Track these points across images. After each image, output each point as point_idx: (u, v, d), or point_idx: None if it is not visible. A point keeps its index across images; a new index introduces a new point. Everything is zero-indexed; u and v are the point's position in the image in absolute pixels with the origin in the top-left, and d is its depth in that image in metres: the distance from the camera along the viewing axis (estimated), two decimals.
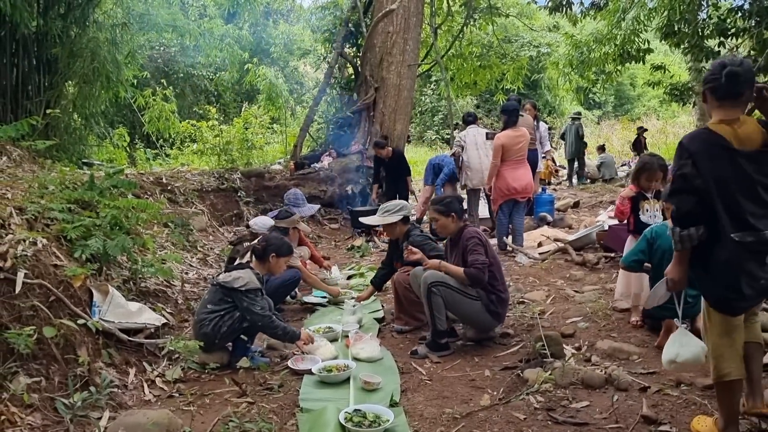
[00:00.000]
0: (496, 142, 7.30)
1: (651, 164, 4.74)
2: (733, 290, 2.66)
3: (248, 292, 4.18)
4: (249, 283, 4.20)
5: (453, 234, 4.58)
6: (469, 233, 4.45)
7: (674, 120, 27.05)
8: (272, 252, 4.53)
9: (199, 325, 4.21)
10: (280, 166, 11.36)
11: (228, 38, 16.44)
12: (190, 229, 7.35)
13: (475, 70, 15.84)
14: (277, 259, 4.56)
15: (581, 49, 14.27)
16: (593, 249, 7.13)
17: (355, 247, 8.58)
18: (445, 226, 4.58)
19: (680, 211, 2.70)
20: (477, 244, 4.35)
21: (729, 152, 2.66)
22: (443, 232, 4.65)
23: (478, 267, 4.26)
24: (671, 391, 3.45)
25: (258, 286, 4.25)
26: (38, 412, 3.25)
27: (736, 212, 2.63)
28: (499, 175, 7.28)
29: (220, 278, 4.32)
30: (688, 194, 2.67)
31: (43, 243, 4.07)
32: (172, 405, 3.62)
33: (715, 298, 2.78)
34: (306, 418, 3.39)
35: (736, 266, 2.63)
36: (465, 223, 4.60)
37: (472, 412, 3.41)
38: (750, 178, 2.64)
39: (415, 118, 26.99)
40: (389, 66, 11.46)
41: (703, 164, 2.66)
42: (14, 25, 7.73)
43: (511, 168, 7.26)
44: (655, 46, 16.15)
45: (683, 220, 2.70)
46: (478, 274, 4.27)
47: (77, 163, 8.60)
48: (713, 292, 2.77)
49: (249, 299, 4.17)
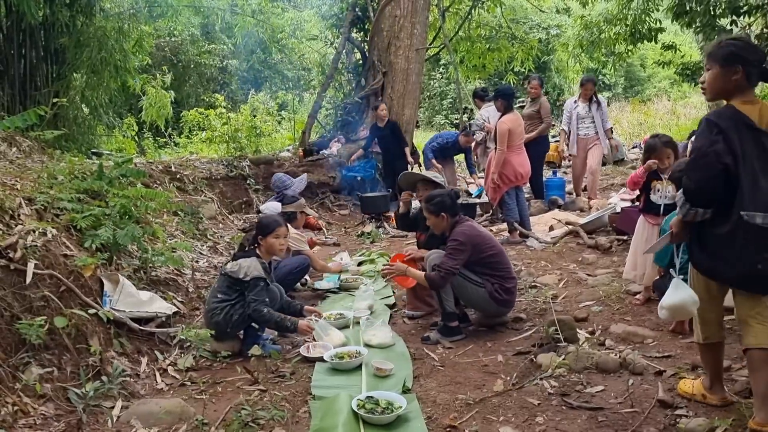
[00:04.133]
0: (501, 127, 7.05)
1: (654, 145, 4.60)
2: (726, 263, 2.70)
3: (250, 281, 4.16)
4: (251, 271, 4.17)
5: (446, 230, 4.55)
6: (455, 234, 4.40)
7: (685, 101, 26.73)
8: (258, 235, 4.47)
9: (210, 314, 4.20)
10: (288, 153, 11.32)
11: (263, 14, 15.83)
12: (199, 217, 7.33)
13: (483, 52, 15.66)
14: (265, 239, 4.44)
15: (591, 29, 14.08)
16: (605, 232, 7.07)
17: (365, 233, 8.55)
18: (437, 225, 4.58)
19: (700, 190, 2.68)
20: (455, 248, 4.32)
21: (754, 131, 2.65)
22: (436, 230, 4.64)
23: (445, 270, 4.25)
24: (687, 374, 3.40)
25: (260, 275, 4.20)
26: (51, 402, 3.26)
27: (755, 191, 2.61)
28: (506, 161, 7.06)
29: (228, 267, 4.31)
30: (715, 173, 2.62)
31: (52, 233, 4.07)
32: (184, 393, 3.61)
33: (704, 267, 2.84)
34: (318, 406, 3.38)
35: (739, 247, 2.64)
36: (457, 220, 4.53)
37: (485, 397, 3.39)
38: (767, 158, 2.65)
39: (424, 102, 26.78)
40: (397, 50, 11.34)
41: (734, 141, 2.63)
42: (21, 15, 7.71)
43: (516, 153, 7.11)
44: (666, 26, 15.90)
45: (699, 199, 2.69)
46: (437, 279, 4.29)
47: (86, 153, 8.60)
48: (704, 262, 2.83)
49: (249, 289, 4.16)
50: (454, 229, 4.45)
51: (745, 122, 2.65)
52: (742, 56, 2.71)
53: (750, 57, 2.71)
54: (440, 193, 4.68)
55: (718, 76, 2.77)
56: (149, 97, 13.47)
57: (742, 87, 2.73)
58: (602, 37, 13.79)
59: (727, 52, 2.73)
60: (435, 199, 4.54)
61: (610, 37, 13.61)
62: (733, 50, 2.73)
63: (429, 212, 4.55)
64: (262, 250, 4.45)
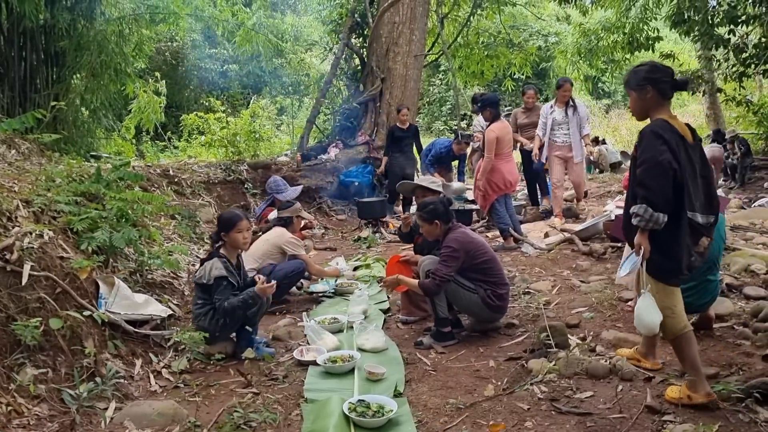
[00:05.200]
0: (489, 135, 7.01)
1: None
2: (678, 264, 3.10)
3: (213, 283, 4.13)
4: (213, 272, 4.13)
5: (440, 237, 4.57)
6: (448, 240, 4.43)
7: (683, 109, 26.81)
8: (221, 232, 4.38)
9: (196, 321, 4.23)
10: (286, 157, 11.36)
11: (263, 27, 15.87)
12: (197, 220, 7.37)
13: (482, 59, 15.75)
14: (228, 235, 4.34)
15: (589, 37, 14.17)
16: (600, 239, 7.10)
17: (361, 239, 8.58)
18: (430, 232, 4.61)
19: (660, 195, 2.98)
20: (449, 255, 4.35)
21: (683, 143, 3.08)
22: (430, 237, 4.68)
23: (439, 277, 4.29)
24: (675, 381, 3.43)
25: (220, 274, 4.13)
26: (45, 403, 3.29)
27: (691, 195, 3.04)
28: (495, 169, 7.04)
29: (197, 275, 4.31)
30: (670, 179, 2.97)
31: (49, 235, 4.10)
32: (178, 396, 3.64)
33: (664, 272, 3.16)
34: (310, 408, 3.41)
35: (684, 243, 3.07)
36: (450, 227, 4.56)
37: (475, 402, 3.42)
38: (693, 167, 3.08)
39: (423, 108, 26.85)
40: (395, 56, 11.42)
41: (676, 150, 3.00)
42: (21, 17, 7.75)
43: (505, 161, 7.09)
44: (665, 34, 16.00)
45: (663, 203, 2.99)
46: (431, 287, 4.32)
47: (85, 155, 8.63)
48: (663, 266, 3.13)
49: (214, 291, 4.14)
50: (447, 235, 4.48)
51: (678, 134, 3.06)
52: (649, 78, 3.14)
53: (656, 77, 3.14)
54: (433, 200, 4.72)
55: (636, 99, 3.23)
56: (140, 101, 13.44)
57: (659, 103, 3.16)
58: (600, 45, 13.87)
59: (637, 78, 3.18)
60: (428, 207, 4.58)
61: (607, 45, 13.69)
62: (641, 75, 3.17)
63: (422, 220, 4.58)
64: (227, 247, 4.38)
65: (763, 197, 10.29)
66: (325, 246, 8.31)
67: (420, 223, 4.64)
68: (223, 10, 12.47)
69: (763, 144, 15.91)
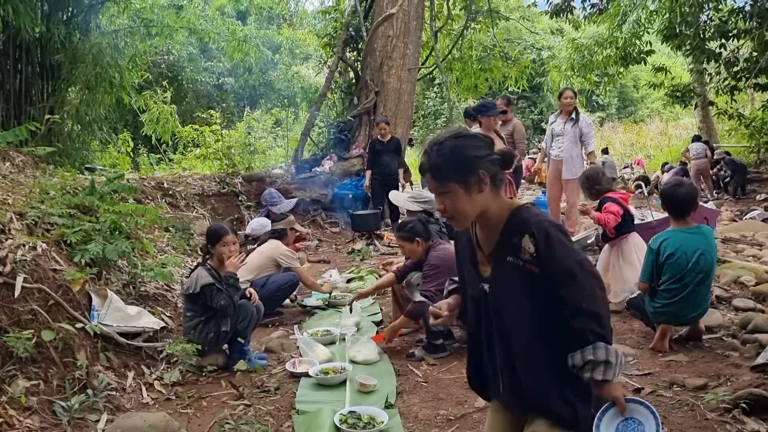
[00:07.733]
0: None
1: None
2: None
3: (203, 292, 4.15)
4: (199, 281, 4.15)
5: (422, 256, 4.62)
6: (430, 258, 4.50)
7: (677, 122, 27.02)
8: (208, 245, 4.42)
9: (187, 335, 4.24)
10: (281, 170, 11.40)
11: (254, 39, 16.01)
12: (190, 233, 7.39)
13: (475, 72, 15.85)
14: (214, 247, 4.37)
15: (582, 52, 14.30)
16: (592, 251, 7.13)
17: (355, 251, 8.61)
18: (412, 251, 4.65)
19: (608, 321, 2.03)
20: (432, 274, 4.41)
21: None
22: (413, 256, 4.70)
23: (428, 291, 4.33)
24: (665, 392, 3.46)
25: (207, 281, 4.16)
26: (36, 415, 3.28)
27: None
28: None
29: (184, 287, 4.34)
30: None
31: (42, 248, 4.11)
32: (170, 408, 3.64)
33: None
34: (302, 420, 3.42)
35: None
36: (430, 244, 4.61)
37: (466, 413, 3.43)
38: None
39: (418, 121, 27.01)
40: (389, 70, 11.51)
41: None
42: (17, 30, 7.80)
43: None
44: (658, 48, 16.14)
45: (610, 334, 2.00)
46: (415, 310, 4.38)
47: (80, 168, 8.65)
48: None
49: (208, 299, 4.16)
50: (429, 253, 4.55)
51: None
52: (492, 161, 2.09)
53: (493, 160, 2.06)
54: (411, 219, 4.83)
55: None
56: (152, 113, 13.51)
57: (492, 193, 2.09)
58: (593, 60, 14.00)
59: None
60: (407, 227, 4.65)
61: (601, 60, 13.82)
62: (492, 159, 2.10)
63: (403, 240, 4.64)
64: (214, 260, 4.40)
65: (755, 209, 10.37)
66: (318, 258, 8.34)
67: (400, 244, 4.71)
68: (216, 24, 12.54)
69: (755, 157, 16.05)
